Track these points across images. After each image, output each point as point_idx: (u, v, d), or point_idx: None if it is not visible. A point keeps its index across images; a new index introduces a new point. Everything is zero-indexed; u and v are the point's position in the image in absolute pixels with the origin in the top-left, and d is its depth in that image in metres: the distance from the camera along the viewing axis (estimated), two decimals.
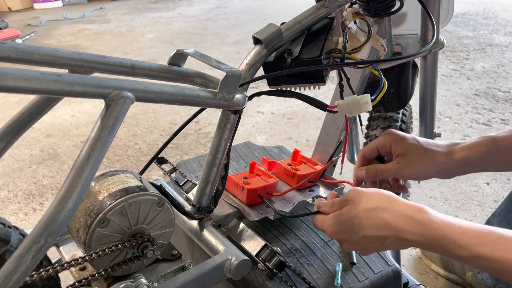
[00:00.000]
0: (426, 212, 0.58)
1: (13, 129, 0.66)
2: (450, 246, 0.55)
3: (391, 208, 0.60)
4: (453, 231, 0.55)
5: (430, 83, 1.23)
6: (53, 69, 0.53)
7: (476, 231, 0.55)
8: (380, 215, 0.60)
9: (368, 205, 0.62)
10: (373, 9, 0.91)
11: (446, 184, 1.83)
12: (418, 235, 0.57)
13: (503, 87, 2.71)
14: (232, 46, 3.58)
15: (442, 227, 0.56)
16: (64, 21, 4.49)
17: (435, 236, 0.56)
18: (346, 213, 0.64)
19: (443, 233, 0.55)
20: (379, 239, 0.61)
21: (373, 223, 0.60)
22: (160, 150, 0.90)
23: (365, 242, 0.63)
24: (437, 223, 0.56)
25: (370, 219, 0.61)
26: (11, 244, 0.66)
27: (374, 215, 0.61)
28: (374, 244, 0.62)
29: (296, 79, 0.73)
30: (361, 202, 0.63)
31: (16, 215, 1.71)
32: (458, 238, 0.55)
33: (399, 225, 0.58)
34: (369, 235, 0.61)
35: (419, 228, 0.57)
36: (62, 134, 2.31)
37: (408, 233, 0.58)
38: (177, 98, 0.60)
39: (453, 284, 1.36)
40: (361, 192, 0.64)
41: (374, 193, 0.63)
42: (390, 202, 0.61)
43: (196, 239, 0.80)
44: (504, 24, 3.97)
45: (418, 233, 0.57)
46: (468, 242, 0.54)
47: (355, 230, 0.63)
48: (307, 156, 0.98)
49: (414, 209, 0.59)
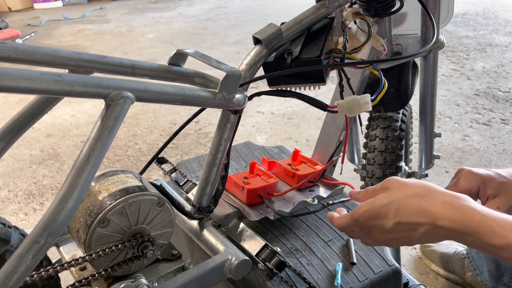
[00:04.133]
0: (466, 200, 0.58)
1: (13, 129, 0.66)
2: (486, 233, 0.54)
3: (431, 195, 0.59)
4: (492, 218, 0.55)
5: (430, 83, 1.23)
6: (53, 69, 0.53)
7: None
8: (419, 202, 0.59)
9: (408, 192, 0.61)
10: (373, 9, 0.91)
11: (446, 184, 1.82)
12: (455, 222, 0.56)
13: (503, 87, 2.71)
14: (232, 46, 3.58)
15: (481, 214, 0.55)
16: (64, 21, 4.49)
17: (473, 222, 0.55)
18: (382, 199, 0.63)
19: (481, 219, 0.55)
20: (414, 227, 0.60)
21: (411, 208, 0.60)
22: (160, 150, 0.90)
23: (398, 230, 0.61)
24: (477, 210, 0.56)
25: (408, 205, 0.60)
26: (11, 244, 0.66)
27: (412, 201, 0.60)
28: (406, 233, 0.61)
29: (296, 79, 0.73)
30: (401, 189, 0.62)
31: (16, 215, 1.71)
32: (496, 225, 0.54)
33: (438, 210, 0.58)
34: (404, 222, 0.60)
35: (458, 213, 0.56)
36: (62, 134, 2.31)
37: (445, 219, 0.57)
38: (177, 98, 0.60)
39: (453, 284, 1.36)
40: (400, 180, 0.64)
41: (414, 182, 0.62)
42: (430, 191, 0.60)
43: (196, 239, 0.80)
44: (504, 24, 3.97)
45: (456, 218, 0.56)
46: (505, 229, 0.54)
47: (390, 215, 0.61)
48: (307, 156, 0.98)
49: (454, 196, 0.58)
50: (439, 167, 1.94)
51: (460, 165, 1.96)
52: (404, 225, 0.60)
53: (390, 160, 1.22)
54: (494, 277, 1.19)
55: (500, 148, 2.09)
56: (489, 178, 0.71)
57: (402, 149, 1.25)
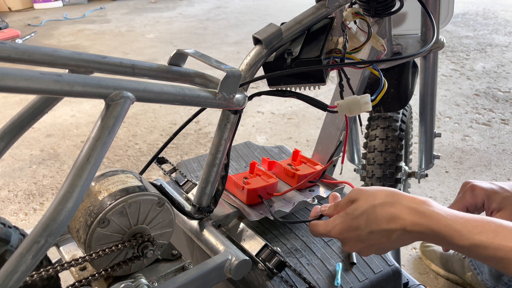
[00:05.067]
0: (430, 205, 0.60)
1: (13, 129, 0.66)
2: (453, 235, 0.56)
3: (398, 202, 0.61)
4: (455, 221, 0.57)
5: (430, 83, 1.23)
6: (53, 69, 0.53)
7: (477, 221, 0.56)
8: (387, 210, 0.61)
9: (374, 201, 0.63)
10: (373, 9, 0.91)
11: (446, 184, 1.83)
12: (423, 226, 0.58)
13: (503, 87, 2.71)
14: (232, 46, 3.58)
15: (445, 218, 0.57)
16: (64, 21, 4.49)
17: (439, 226, 0.57)
18: (352, 212, 0.65)
19: (446, 223, 0.57)
20: (386, 234, 0.61)
21: (381, 217, 0.61)
22: (160, 150, 0.90)
23: (372, 238, 0.63)
24: (441, 214, 0.58)
25: (377, 214, 0.62)
26: (11, 244, 0.66)
27: (382, 210, 0.61)
28: (381, 239, 0.63)
29: (296, 79, 0.73)
30: (368, 199, 0.63)
31: (16, 215, 1.71)
32: (460, 227, 0.56)
33: (406, 217, 0.59)
34: (376, 230, 0.62)
35: (424, 219, 0.58)
36: (62, 134, 2.31)
37: (414, 224, 0.59)
38: (177, 98, 0.60)
39: (453, 284, 1.36)
40: (365, 190, 0.65)
41: (379, 190, 0.64)
42: (396, 197, 0.62)
43: (196, 239, 0.80)
44: (504, 24, 3.97)
45: (423, 224, 0.58)
46: (469, 230, 0.55)
47: (361, 227, 0.63)
48: (307, 156, 0.98)
49: (419, 202, 0.60)
50: (439, 167, 1.94)
51: (460, 165, 1.96)
52: (376, 233, 0.62)
53: (390, 160, 1.22)
54: (494, 277, 1.19)
55: (500, 148, 2.09)
56: (493, 192, 0.72)
57: (402, 149, 1.25)
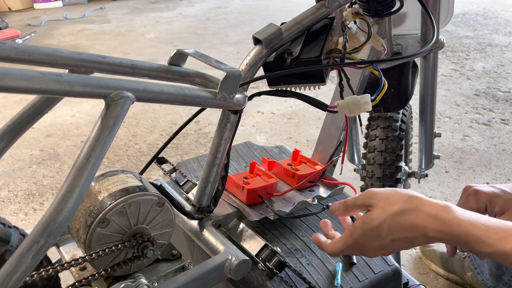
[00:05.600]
0: (451, 211, 0.59)
1: (13, 129, 0.66)
2: (474, 242, 0.56)
3: (417, 209, 0.60)
4: (476, 227, 0.56)
5: (430, 83, 1.23)
6: (53, 69, 0.53)
7: (499, 227, 0.55)
8: (407, 218, 0.60)
9: (393, 209, 0.62)
10: (373, 9, 0.91)
11: (446, 184, 1.83)
12: (444, 233, 0.58)
13: (503, 87, 2.71)
14: (232, 46, 3.58)
15: (466, 225, 0.56)
16: (64, 21, 4.49)
17: (460, 233, 0.56)
18: (370, 222, 0.63)
19: (467, 230, 0.56)
20: (408, 240, 0.61)
21: (402, 226, 0.61)
22: (160, 150, 0.90)
23: (393, 245, 0.63)
24: (462, 221, 0.57)
25: (398, 223, 0.61)
26: (11, 244, 0.66)
27: (402, 219, 0.61)
28: (404, 245, 0.62)
29: (296, 79, 0.73)
30: (384, 206, 0.62)
31: (16, 215, 1.71)
32: (481, 234, 0.55)
33: (427, 225, 0.59)
34: (398, 238, 0.61)
35: (444, 226, 0.58)
36: (62, 134, 2.31)
37: (434, 231, 0.58)
38: (177, 98, 0.60)
39: (453, 284, 1.36)
40: (383, 195, 0.64)
41: (395, 194, 0.63)
42: (416, 203, 0.61)
43: (196, 239, 0.80)
44: (504, 24, 3.97)
45: (444, 231, 0.58)
46: (490, 237, 0.54)
47: (383, 235, 0.63)
48: (307, 156, 0.98)
49: (440, 208, 0.59)
50: (439, 167, 1.94)
51: (460, 165, 1.96)
52: (398, 240, 0.62)
53: (390, 160, 1.22)
54: (495, 276, 1.19)
55: (500, 148, 2.09)
56: (495, 196, 0.72)
57: (402, 149, 1.25)
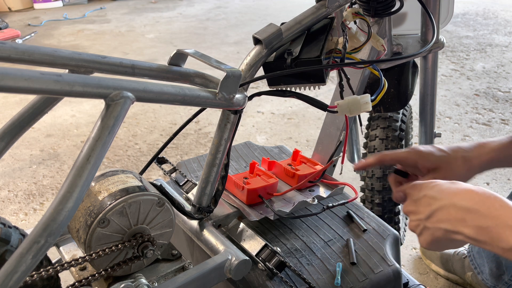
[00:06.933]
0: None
1: (13, 129, 0.66)
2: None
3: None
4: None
5: (430, 83, 1.23)
6: (53, 69, 0.53)
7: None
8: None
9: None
10: (373, 9, 0.91)
11: None
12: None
13: (503, 87, 2.71)
14: (232, 46, 3.58)
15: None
16: (64, 21, 4.49)
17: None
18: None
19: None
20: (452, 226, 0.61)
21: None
22: (160, 150, 0.90)
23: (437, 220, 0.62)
24: None
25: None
26: (11, 244, 0.66)
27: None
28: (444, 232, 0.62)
29: (296, 79, 0.73)
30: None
31: (16, 215, 1.71)
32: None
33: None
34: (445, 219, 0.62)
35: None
36: (62, 134, 2.31)
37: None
38: (177, 98, 0.60)
39: (453, 284, 1.36)
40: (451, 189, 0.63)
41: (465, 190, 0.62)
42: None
43: (196, 239, 0.80)
44: (504, 24, 3.97)
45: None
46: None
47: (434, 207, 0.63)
48: (307, 156, 0.98)
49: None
50: None
51: None
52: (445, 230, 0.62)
53: None
54: (495, 276, 1.19)
55: None
56: (429, 153, 0.76)
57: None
